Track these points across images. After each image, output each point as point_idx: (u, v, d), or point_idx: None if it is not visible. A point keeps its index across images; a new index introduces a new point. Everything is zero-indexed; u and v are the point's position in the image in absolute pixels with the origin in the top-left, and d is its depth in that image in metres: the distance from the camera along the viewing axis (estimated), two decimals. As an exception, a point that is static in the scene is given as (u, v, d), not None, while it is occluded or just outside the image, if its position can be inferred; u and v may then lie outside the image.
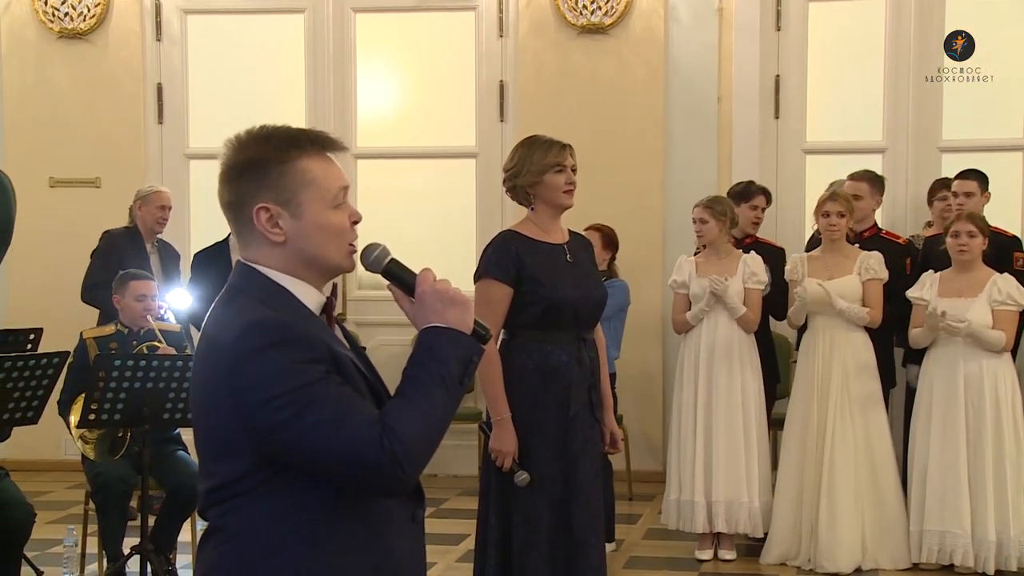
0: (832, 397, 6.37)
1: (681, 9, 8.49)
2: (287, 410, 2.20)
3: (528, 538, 4.48)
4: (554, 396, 4.52)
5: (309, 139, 2.40)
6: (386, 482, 2.24)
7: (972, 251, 6.24)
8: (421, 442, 2.26)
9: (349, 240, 2.41)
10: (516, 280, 4.50)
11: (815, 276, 6.48)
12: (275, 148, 2.36)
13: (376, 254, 2.44)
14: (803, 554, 6.39)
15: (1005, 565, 6.11)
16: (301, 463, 2.25)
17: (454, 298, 2.38)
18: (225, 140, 2.42)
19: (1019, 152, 8.22)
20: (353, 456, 2.21)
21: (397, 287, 2.44)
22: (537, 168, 4.54)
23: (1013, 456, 6.13)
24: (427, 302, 2.38)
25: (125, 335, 6.19)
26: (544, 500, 4.49)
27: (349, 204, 2.42)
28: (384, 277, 2.45)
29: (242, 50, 9.14)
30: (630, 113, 8.51)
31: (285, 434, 2.21)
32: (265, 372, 2.22)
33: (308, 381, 2.22)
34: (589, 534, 4.55)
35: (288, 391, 2.21)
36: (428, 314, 2.37)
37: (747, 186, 7.37)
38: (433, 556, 6.42)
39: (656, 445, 8.29)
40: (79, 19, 8.93)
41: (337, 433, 2.20)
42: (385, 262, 2.44)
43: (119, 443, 5.80)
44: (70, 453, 7.96)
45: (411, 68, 9.15)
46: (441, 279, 2.41)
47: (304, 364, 2.23)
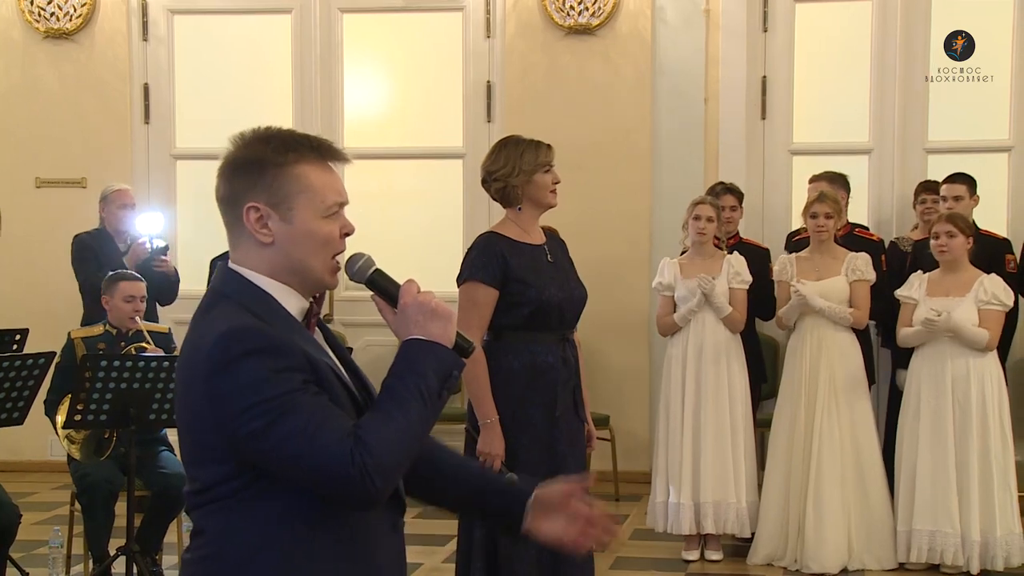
0: (819, 397, 6.38)
1: (668, 10, 8.50)
2: (261, 419, 2.19)
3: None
4: (540, 397, 4.53)
5: (310, 145, 2.39)
6: (357, 494, 2.23)
7: (953, 251, 6.26)
8: (394, 455, 2.24)
9: (336, 251, 2.39)
10: (502, 282, 4.50)
11: (803, 277, 6.50)
12: (274, 150, 2.36)
13: (360, 264, 2.43)
14: (790, 554, 6.40)
15: (991, 565, 6.13)
16: (276, 472, 2.25)
17: (436, 311, 2.37)
18: (230, 136, 2.42)
19: (1005, 153, 8.24)
20: (324, 468, 2.20)
21: (381, 298, 2.44)
22: (530, 168, 4.56)
23: (999, 456, 6.15)
24: (409, 314, 2.37)
25: (113, 336, 6.17)
26: None
27: (343, 216, 2.40)
28: (368, 287, 2.44)
29: (229, 50, 9.11)
30: (617, 114, 8.51)
31: (260, 443, 2.20)
32: (240, 381, 2.21)
33: (283, 391, 2.21)
34: None
35: (262, 400, 2.20)
36: (410, 326, 2.36)
37: (713, 187, 7.40)
38: (419, 557, 6.45)
39: (643, 446, 8.28)
40: (65, 19, 8.90)
41: (310, 444, 2.19)
42: (369, 272, 2.43)
43: (105, 444, 5.79)
44: (56, 454, 7.94)
45: (398, 69, 9.14)
46: (425, 291, 2.40)
47: (280, 373, 2.22)
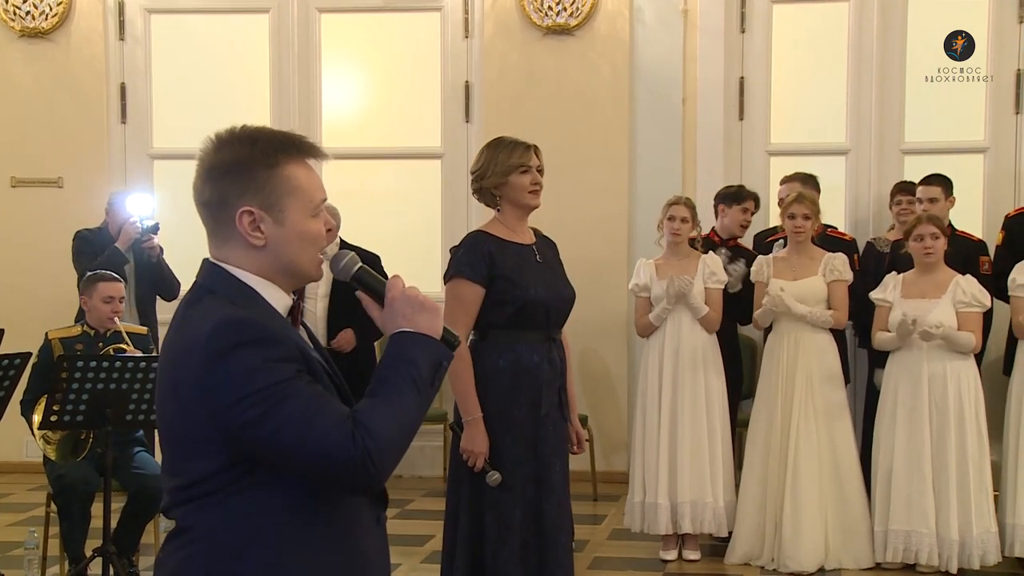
0: (796, 398, 6.41)
1: (646, 11, 8.51)
2: (258, 408, 2.21)
3: (501, 537, 4.49)
4: (525, 396, 4.53)
5: (295, 145, 2.40)
6: (358, 478, 2.25)
7: (937, 253, 6.30)
8: (393, 440, 2.27)
9: (322, 247, 2.44)
10: (488, 280, 4.51)
11: (780, 277, 6.53)
12: (262, 152, 2.36)
13: (345, 262, 2.46)
14: (767, 553, 6.42)
15: (968, 564, 6.16)
16: (274, 461, 2.26)
17: (424, 304, 2.40)
18: (206, 137, 2.41)
19: (980, 154, 8.29)
20: (326, 453, 2.21)
21: (367, 294, 2.46)
22: (502, 169, 4.55)
23: (975, 456, 6.17)
24: (397, 308, 2.40)
25: (91, 336, 6.15)
26: (516, 499, 4.50)
27: (324, 210, 2.44)
28: (353, 285, 2.47)
29: (206, 50, 9.09)
30: (595, 114, 8.52)
31: (257, 432, 2.21)
32: (236, 370, 2.22)
33: (279, 379, 2.23)
34: (559, 534, 4.57)
35: (259, 389, 2.21)
36: (398, 319, 2.39)
37: (739, 189, 7.46)
38: (398, 557, 6.42)
39: (620, 446, 8.30)
40: (41, 18, 8.86)
41: (309, 430, 2.21)
42: (354, 270, 2.46)
43: (81, 445, 5.76)
44: (32, 455, 7.91)
45: (376, 69, 9.13)
46: (410, 286, 2.43)
47: (275, 363, 2.24)
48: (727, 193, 7.41)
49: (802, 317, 6.40)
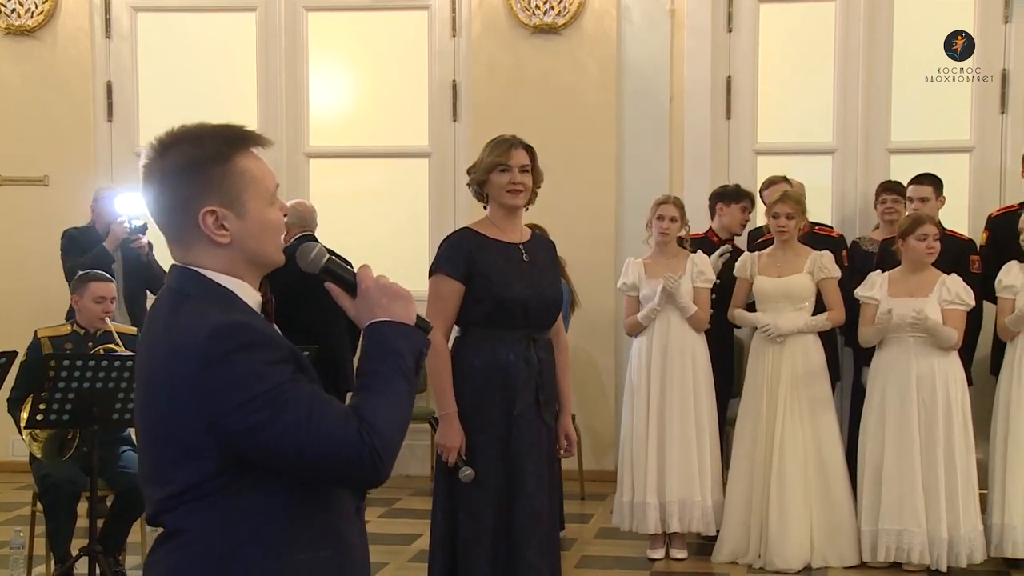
0: (782, 396, 6.42)
1: (633, 10, 8.52)
2: (263, 412, 2.20)
3: (472, 534, 4.50)
4: (500, 394, 4.53)
5: (241, 137, 2.39)
6: (367, 475, 2.27)
7: (936, 252, 6.32)
8: (395, 433, 2.30)
9: (283, 233, 2.45)
10: (467, 277, 4.52)
11: (765, 274, 6.56)
12: (212, 149, 2.34)
13: (313, 255, 2.44)
14: (753, 552, 6.43)
15: (955, 562, 6.17)
16: (278, 464, 2.25)
17: (397, 292, 2.41)
18: (146, 145, 2.39)
19: (966, 154, 8.31)
20: (335, 452, 2.22)
21: (337, 285, 2.45)
22: (485, 167, 4.58)
23: (963, 454, 6.19)
24: (372, 297, 2.40)
25: (81, 336, 6.12)
26: (488, 497, 4.51)
27: (278, 198, 2.44)
28: (323, 277, 2.45)
29: (193, 48, 9.07)
30: (583, 113, 8.53)
31: (262, 435, 2.21)
32: (237, 375, 2.21)
33: (280, 381, 2.23)
34: (530, 535, 4.52)
35: (262, 393, 2.21)
36: (375, 309, 2.39)
37: (737, 188, 7.49)
38: (384, 556, 6.43)
39: (608, 445, 8.31)
40: (27, 16, 8.84)
41: (317, 431, 2.21)
42: (323, 262, 2.44)
43: (68, 444, 5.74)
44: (18, 454, 7.88)
45: (364, 67, 9.12)
46: (379, 275, 2.43)
47: (274, 365, 2.24)
48: (726, 192, 7.42)
49: (801, 331, 6.45)
